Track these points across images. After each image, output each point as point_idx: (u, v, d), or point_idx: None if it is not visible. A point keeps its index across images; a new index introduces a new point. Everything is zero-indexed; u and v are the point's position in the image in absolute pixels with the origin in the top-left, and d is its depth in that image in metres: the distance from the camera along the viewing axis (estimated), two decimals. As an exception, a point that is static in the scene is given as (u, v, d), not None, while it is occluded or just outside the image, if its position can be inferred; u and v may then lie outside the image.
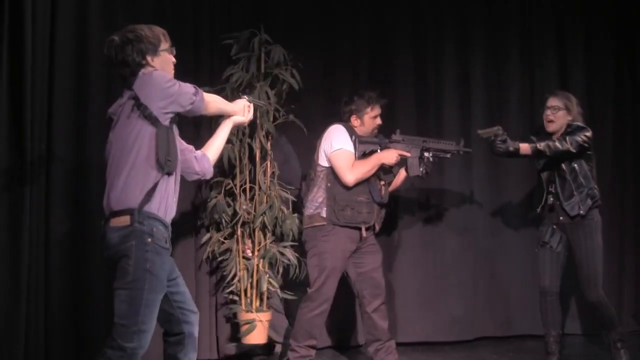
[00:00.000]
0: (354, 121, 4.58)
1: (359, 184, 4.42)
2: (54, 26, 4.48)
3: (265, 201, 4.81)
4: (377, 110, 4.60)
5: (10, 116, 4.24)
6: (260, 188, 4.82)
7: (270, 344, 4.98)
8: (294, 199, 4.89)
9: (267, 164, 4.88)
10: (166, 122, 3.06)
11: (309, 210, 4.50)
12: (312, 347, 4.47)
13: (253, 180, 4.87)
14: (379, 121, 4.62)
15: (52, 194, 4.44)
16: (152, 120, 3.02)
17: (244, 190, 4.84)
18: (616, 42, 5.94)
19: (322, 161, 4.50)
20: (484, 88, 5.76)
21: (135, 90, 3.04)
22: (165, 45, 3.19)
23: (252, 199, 4.83)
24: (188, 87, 3.11)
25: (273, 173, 4.88)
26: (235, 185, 4.84)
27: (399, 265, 5.50)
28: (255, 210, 4.78)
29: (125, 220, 2.98)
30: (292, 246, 4.79)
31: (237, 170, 4.83)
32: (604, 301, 4.52)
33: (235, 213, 4.82)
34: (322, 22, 5.47)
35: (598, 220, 4.54)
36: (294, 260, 4.75)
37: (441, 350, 5.37)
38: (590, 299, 4.51)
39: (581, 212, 4.45)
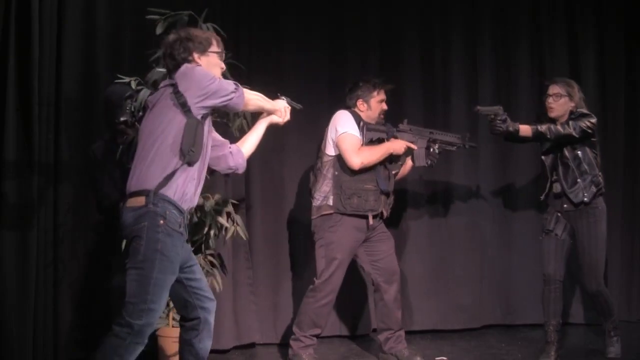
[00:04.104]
0: (361, 106, 4.57)
1: (365, 171, 4.43)
2: (61, 23, 4.51)
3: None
4: (383, 95, 4.61)
5: (18, 114, 4.27)
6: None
7: None
8: (236, 202, 4.72)
9: None
10: (198, 116, 3.13)
11: (316, 200, 4.51)
12: (316, 335, 4.50)
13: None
14: (385, 106, 4.63)
15: (60, 189, 4.46)
16: (185, 109, 3.09)
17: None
18: (627, 29, 5.90)
19: (329, 150, 4.51)
20: (492, 78, 5.75)
21: (176, 79, 3.14)
22: (215, 48, 3.32)
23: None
24: (227, 85, 3.20)
25: None
26: None
27: (407, 254, 5.51)
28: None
29: (140, 201, 3.05)
30: (213, 254, 4.60)
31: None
32: (603, 290, 4.52)
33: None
34: (326, 23, 5.47)
35: (603, 208, 4.49)
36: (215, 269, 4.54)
37: (449, 338, 5.39)
38: (590, 288, 4.50)
39: (585, 199, 4.41)
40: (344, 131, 4.43)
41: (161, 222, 3.04)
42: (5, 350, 4.18)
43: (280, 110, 3.51)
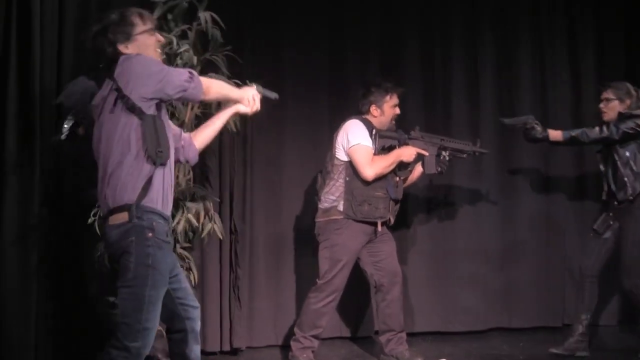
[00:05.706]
0: (374, 111, 4.56)
1: (377, 179, 4.43)
2: (62, 23, 4.49)
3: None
4: (395, 99, 4.60)
5: (19, 114, 4.26)
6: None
7: None
8: (217, 199, 4.68)
9: None
10: (150, 111, 2.90)
11: (324, 203, 4.50)
12: (316, 337, 4.49)
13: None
14: (398, 110, 4.63)
15: (61, 189, 4.43)
16: (136, 111, 2.87)
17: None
18: (627, 29, 5.90)
19: (340, 155, 4.49)
20: (492, 78, 5.73)
21: (117, 79, 2.88)
22: (141, 27, 3.00)
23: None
24: (179, 74, 2.94)
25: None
26: None
27: (410, 256, 5.49)
28: None
29: (123, 217, 2.87)
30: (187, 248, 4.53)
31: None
32: (638, 290, 4.53)
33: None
34: (326, 23, 5.45)
35: None
36: (193, 266, 4.48)
37: (451, 340, 5.37)
38: (626, 286, 4.55)
39: (630, 197, 4.50)
40: (356, 142, 4.42)
41: (149, 234, 2.87)
42: (5, 351, 4.16)
43: (248, 98, 3.23)
